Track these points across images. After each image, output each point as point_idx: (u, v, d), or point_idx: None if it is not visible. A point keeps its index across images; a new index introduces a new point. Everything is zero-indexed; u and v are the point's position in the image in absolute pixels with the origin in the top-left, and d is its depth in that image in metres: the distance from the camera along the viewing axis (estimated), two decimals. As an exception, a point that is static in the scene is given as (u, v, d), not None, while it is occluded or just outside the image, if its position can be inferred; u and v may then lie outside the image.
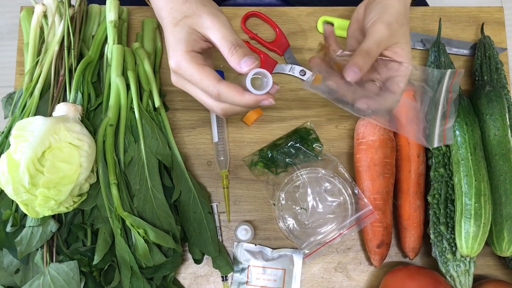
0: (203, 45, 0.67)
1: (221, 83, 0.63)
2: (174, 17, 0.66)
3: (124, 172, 0.75)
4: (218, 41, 0.64)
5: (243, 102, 0.64)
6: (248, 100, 0.63)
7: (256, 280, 0.79)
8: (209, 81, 0.64)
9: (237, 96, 0.63)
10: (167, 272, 0.75)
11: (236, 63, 0.63)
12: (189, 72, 0.65)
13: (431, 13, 0.89)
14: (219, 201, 0.82)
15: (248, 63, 0.63)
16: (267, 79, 0.64)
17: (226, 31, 0.64)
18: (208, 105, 0.68)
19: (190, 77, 0.65)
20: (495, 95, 0.75)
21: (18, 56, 0.87)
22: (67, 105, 0.75)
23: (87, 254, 0.72)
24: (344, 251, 0.81)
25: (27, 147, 0.65)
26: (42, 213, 0.68)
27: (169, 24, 0.67)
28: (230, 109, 0.67)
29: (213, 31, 0.64)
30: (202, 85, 0.64)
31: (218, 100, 0.65)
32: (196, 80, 0.65)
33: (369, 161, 0.77)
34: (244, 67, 0.63)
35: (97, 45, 0.82)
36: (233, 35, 0.64)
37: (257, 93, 0.63)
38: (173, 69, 0.66)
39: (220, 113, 0.68)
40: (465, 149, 0.72)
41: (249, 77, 0.62)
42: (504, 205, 0.71)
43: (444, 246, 0.73)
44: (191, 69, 0.64)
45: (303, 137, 0.82)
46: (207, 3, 0.67)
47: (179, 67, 0.65)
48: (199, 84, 0.65)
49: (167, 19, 0.67)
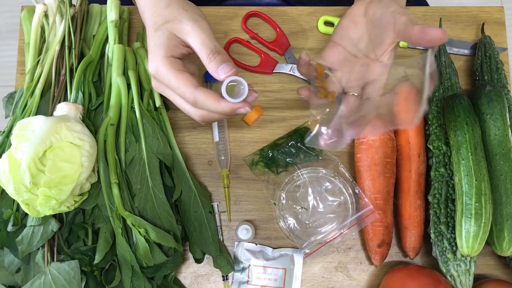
0: (183, 50, 0.67)
1: (198, 90, 0.63)
2: (156, 22, 0.66)
3: (125, 171, 0.76)
4: (197, 47, 0.64)
5: (219, 109, 0.64)
6: (224, 107, 0.63)
7: (256, 279, 0.79)
8: (186, 87, 0.64)
9: (213, 103, 0.63)
10: (168, 271, 0.75)
11: (213, 70, 0.63)
12: (167, 78, 0.65)
13: (432, 13, 0.89)
14: (219, 200, 0.82)
15: (225, 70, 0.63)
16: (243, 87, 0.64)
17: (205, 37, 0.64)
18: (186, 111, 0.68)
19: (168, 83, 0.65)
20: (495, 95, 0.75)
21: (19, 56, 0.87)
22: (68, 105, 0.75)
23: (88, 253, 0.72)
24: (345, 250, 0.81)
25: (28, 146, 0.66)
26: (43, 213, 0.68)
27: (150, 29, 0.67)
28: (208, 116, 0.67)
29: (193, 36, 0.64)
30: (179, 91, 0.65)
31: (195, 106, 0.65)
32: (173, 86, 0.65)
33: (370, 161, 0.77)
34: (222, 74, 0.63)
35: (98, 45, 0.82)
36: (213, 41, 0.65)
37: (233, 101, 0.63)
38: (152, 74, 0.67)
39: (198, 119, 0.68)
40: (466, 149, 0.72)
41: (224, 84, 0.63)
42: (505, 205, 0.71)
43: (444, 245, 0.74)
44: (169, 75, 0.64)
45: (303, 136, 0.82)
46: (189, 8, 0.67)
47: (158, 72, 0.65)
48: (176, 90, 0.65)
49: (149, 23, 0.67)
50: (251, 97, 0.65)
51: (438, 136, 0.77)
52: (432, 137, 0.78)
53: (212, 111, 0.65)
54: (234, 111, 0.64)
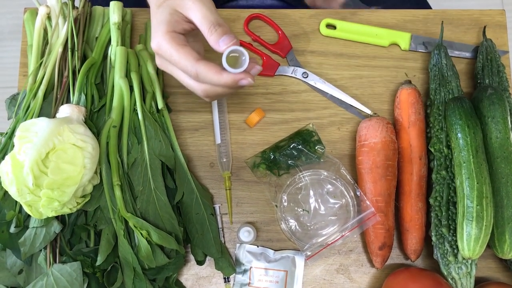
0: (186, 26, 0.67)
1: (199, 63, 0.63)
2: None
3: (127, 173, 0.76)
4: (198, 21, 0.64)
5: (221, 81, 0.63)
6: (226, 79, 0.63)
7: (258, 281, 0.79)
8: (187, 61, 0.64)
9: (214, 75, 0.63)
10: (169, 273, 0.75)
11: (214, 42, 0.63)
12: (169, 53, 0.65)
13: (433, 16, 0.89)
14: (221, 202, 0.83)
15: (226, 41, 0.63)
16: (244, 57, 0.63)
17: (206, 11, 0.64)
18: (190, 86, 0.68)
19: (170, 58, 0.65)
20: (497, 98, 0.75)
21: (22, 57, 0.87)
22: (70, 107, 0.75)
23: (90, 255, 0.73)
24: (346, 253, 0.81)
25: (31, 148, 0.66)
26: (46, 214, 0.68)
27: (153, 6, 0.67)
28: (211, 90, 0.66)
29: (194, 11, 0.64)
30: (181, 65, 0.64)
31: (197, 80, 0.65)
32: (175, 60, 0.65)
33: (371, 163, 0.78)
34: (222, 45, 0.63)
35: (101, 47, 0.82)
36: (214, 14, 0.64)
37: (234, 71, 0.63)
38: (154, 50, 0.66)
39: (202, 94, 0.67)
40: (467, 152, 0.72)
41: (225, 54, 0.62)
42: (506, 208, 0.71)
43: (445, 248, 0.74)
44: (171, 49, 0.64)
45: (305, 139, 0.82)
46: None
47: (160, 47, 0.65)
48: (178, 64, 0.65)
49: (152, 1, 0.68)
50: (254, 69, 0.65)
51: (439, 139, 0.77)
52: (433, 140, 0.78)
53: (215, 83, 0.64)
54: (236, 83, 0.64)
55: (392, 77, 0.87)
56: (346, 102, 0.85)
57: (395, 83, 0.86)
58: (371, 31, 0.87)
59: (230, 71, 0.63)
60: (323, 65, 0.87)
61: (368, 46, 0.88)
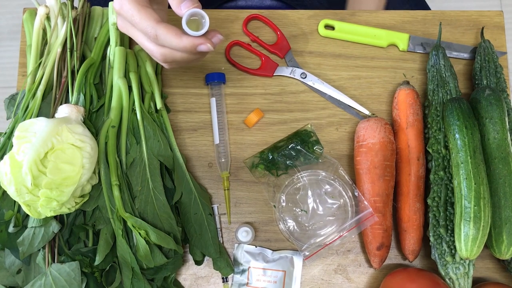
0: None
1: (159, 25, 0.63)
2: None
3: (126, 173, 0.76)
4: None
5: (180, 44, 0.63)
6: (185, 42, 0.63)
7: (256, 281, 0.79)
8: (148, 21, 0.63)
9: (174, 38, 0.62)
10: (168, 273, 0.75)
11: (176, 6, 0.63)
12: (130, 13, 0.64)
13: (432, 17, 0.89)
14: (220, 202, 0.83)
15: (187, 4, 0.62)
16: (204, 20, 0.63)
17: None
18: (149, 49, 0.67)
19: (131, 18, 0.64)
20: (494, 99, 0.75)
21: (21, 58, 0.87)
22: (69, 107, 0.75)
23: (88, 254, 0.73)
24: (344, 253, 0.81)
25: (30, 148, 0.66)
26: (44, 214, 0.68)
27: None
28: (170, 55, 0.66)
29: None
30: (141, 26, 0.64)
31: (157, 43, 0.64)
32: (135, 21, 0.64)
33: (369, 164, 0.78)
34: (184, 8, 0.62)
35: (100, 47, 0.82)
36: None
37: (193, 34, 0.62)
38: (116, 10, 0.66)
39: (160, 58, 0.67)
40: (465, 152, 0.72)
41: (185, 17, 0.62)
42: (503, 208, 0.72)
43: (443, 248, 0.74)
44: (132, 10, 0.64)
45: (303, 139, 0.82)
46: None
47: (121, 7, 0.65)
48: (138, 25, 0.64)
49: None
50: (215, 38, 0.64)
51: (437, 140, 0.77)
52: (431, 141, 0.78)
53: (174, 47, 0.64)
54: (195, 47, 0.63)
55: (390, 77, 0.87)
56: (344, 103, 0.85)
57: (393, 84, 0.86)
58: (370, 32, 0.87)
59: (190, 34, 0.63)
60: (322, 65, 0.87)
61: (367, 47, 0.88)
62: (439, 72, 0.81)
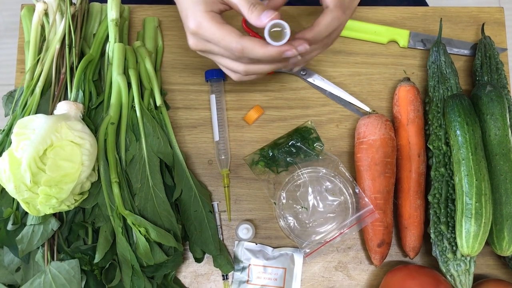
0: (221, 7, 0.66)
1: (244, 38, 0.64)
2: None
3: (126, 170, 0.75)
4: (237, 1, 0.64)
5: (267, 53, 0.63)
6: (271, 51, 0.63)
7: (256, 279, 0.79)
8: (231, 37, 0.64)
9: (261, 49, 0.63)
10: (168, 270, 0.75)
11: (256, 18, 0.63)
12: (211, 31, 0.64)
13: (432, 13, 0.89)
14: (220, 200, 0.82)
15: (268, 14, 0.62)
16: (286, 30, 0.64)
17: None
18: (229, 66, 0.68)
19: (212, 36, 0.65)
20: (495, 95, 0.75)
21: (19, 54, 0.87)
22: (68, 104, 0.75)
23: (88, 252, 0.72)
24: (345, 250, 0.81)
25: (29, 145, 0.65)
26: (43, 211, 0.68)
27: None
28: (253, 68, 0.67)
29: None
30: (224, 42, 0.64)
31: (241, 56, 0.65)
32: (218, 38, 0.64)
33: (370, 161, 0.77)
34: (265, 19, 0.62)
35: (98, 44, 0.82)
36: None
37: (278, 44, 0.63)
38: (193, 30, 0.66)
39: (243, 72, 0.68)
40: (466, 149, 0.72)
41: (267, 28, 0.63)
42: (505, 205, 0.71)
43: (444, 245, 0.74)
44: (213, 28, 0.64)
45: (304, 136, 0.82)
46: None
47: (200, 26, 0.65)
48: (221, 42, 0.64)
49: None
50: (300, 46, 0.65)
51: (438, 136, 0.77)
52: (432, 137, 0.78)
53: (261, 56, 0.64)
54: (281, 54, 0.64)
55: (390, 74, 0.87)
56: (344, 100, 0.85)
57: (394, 81, 0.86)
58: (370, 29, 0.87)
59: (274, 44, 0.63)
60: (322, 62, 0.87)
61: (367, 44, 0.88)
62: (439, 68, 0.81)
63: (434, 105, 0.79)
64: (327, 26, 0.67)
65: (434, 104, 0.79)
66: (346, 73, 0.87)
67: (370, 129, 0.78)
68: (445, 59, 0.82)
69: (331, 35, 0.69)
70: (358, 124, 0.81)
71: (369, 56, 0.87)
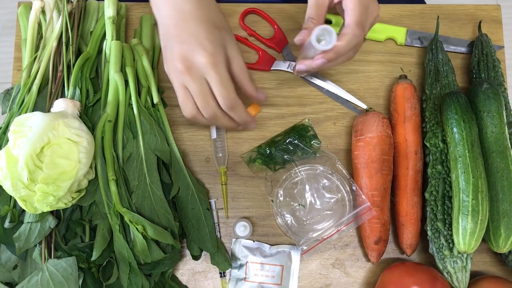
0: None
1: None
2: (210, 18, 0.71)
3: (123, 168, 0.75)
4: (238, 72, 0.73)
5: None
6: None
7: (254, 276, 0.79)
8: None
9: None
10: (165, 268, 0.75)
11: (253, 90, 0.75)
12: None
13: (429, 11, 0.89)
14: (217, 197, 0.82)
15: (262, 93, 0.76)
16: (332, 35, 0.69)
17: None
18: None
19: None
20: (492, 93, 0.75)
21: (16, 52, 0.87)
22: (65, 101, 0.74)
23: (85, 250, 0.72)
24: (342, 247, 0.81)
25: (26, 142, 0.65)
26: (41, 209, 0.68)
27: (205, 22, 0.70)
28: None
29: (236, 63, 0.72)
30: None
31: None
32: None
33: (367, 158, 0.78)
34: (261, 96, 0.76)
35: (96, 41, 0.82)
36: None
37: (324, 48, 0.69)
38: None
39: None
40: (463, 146, 0.72)
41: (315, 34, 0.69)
42: (501, 202, 0.72)
43: (441, 242, 0.74)
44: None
45: (301, 134, 0.82)
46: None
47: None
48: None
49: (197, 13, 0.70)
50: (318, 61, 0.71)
51: (435, 134, 0.77)
52: (429, 135, 0.78)
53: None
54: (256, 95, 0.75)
55: (388, 72, 0.87)
56: (342, 97, 0.85)
57: (391, 78, 0.86)
58: (367, 26, 0.87)
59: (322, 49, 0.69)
60: (319, 59, 0.87)
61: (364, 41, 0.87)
62: (436, 66, 0.81)
63: (431, 102, 0.80)
64: (348, 43, 0.70)
65: (431, 102, 0.80)
66: (343, 70, 0.87)
67: (367, 126, 0.79)
68: (442, 56, 0.82)
69: (352, 50, 0.72)
70: (355, 122, 0.81)
71: (366, 54, 0.87)
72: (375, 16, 0.73)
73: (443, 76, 0.80)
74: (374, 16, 0.73)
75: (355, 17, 0.69)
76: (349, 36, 0.69)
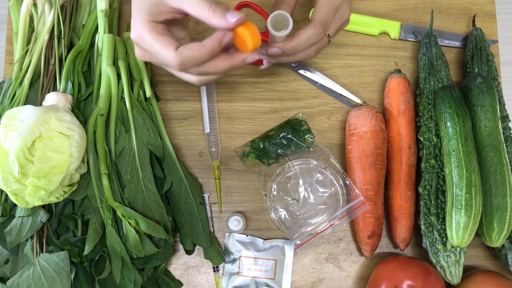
0: (168, 16, 0.63)
1: (183, 49, 0.60)
2: None
3: (115, 162, 0.75)
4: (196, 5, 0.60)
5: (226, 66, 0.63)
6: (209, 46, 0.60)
7: (247, 270, 0.79)
8: (168, 51, 0.60)
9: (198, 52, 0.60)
10: (158, 262, 0.75)
11: (220, 18, 0.60)
12: (149, 44, 0.61)
13: (423, 5, 0.89)
14: (210, 192, 0.82)
15: (234, 14, 0.60)
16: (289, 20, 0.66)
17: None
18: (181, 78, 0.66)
19: (151, 49, 0.62)
20: (486, 87, 0.75)
21: (7, 45, 0.86)
22: (57, 95, 0.74)
23: (77, 244, 0.72)
24: (335, 241, 0.81)
25: (17, 136, 0.65)
26: (32, 203, 0.68)
27: None
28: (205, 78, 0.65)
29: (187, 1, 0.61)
30: (161, 57, 0.61)
31: (183, 69, 0.62)
32: (155, 52, 0.61)
33: (361, 152, 0.77)
34: (231, 19, 0.60)
35: (88, 34, 0.81)
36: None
37: (281, 34, 0.65)
38: (134, 40, 0.63)
39: (196, 82, 0.66)
40: (456, 140, 0.72)
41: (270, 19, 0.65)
42: (494, 196, 0.72)
43: (434, 236, 0.74)
44: (151, 40, 0.61)
45: (295, 128, 0.82)
46: None
47: (140, 37, 0.62)
48: (158, 57, 0.62)
49: None
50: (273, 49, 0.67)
51: (429, 128, 0.77)
52: (423, 129, 0.78)
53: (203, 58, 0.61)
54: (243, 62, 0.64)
55: (381, 66, 0.86)
56: (335, 91, 0.85)
57: (385, 72, 0.86)
58: (361, 20, 0.86)
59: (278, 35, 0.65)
60: (313, 54, 0.87)
61: (358, 35, 0.87)
62: (430, 60, 0.81)
63: (425, 96, 0.79)
64: (307, 39, 0.67)
65: (425, 96, 0.79)
66: (337, 65, 0.86)
67: (360, 121, 0.78)
68: (436, 51, 0.82)
69: (311, 47, 0.69)
70: (349, 116, 0.81)
71: (360, 48, 0.87)
72: (344, 21, 0.70)
73: (437, 70, 0.80)
74: (343, 20, 0.70)
75: (320, 15, 0.66)
76: (309, 33, 0.66)
